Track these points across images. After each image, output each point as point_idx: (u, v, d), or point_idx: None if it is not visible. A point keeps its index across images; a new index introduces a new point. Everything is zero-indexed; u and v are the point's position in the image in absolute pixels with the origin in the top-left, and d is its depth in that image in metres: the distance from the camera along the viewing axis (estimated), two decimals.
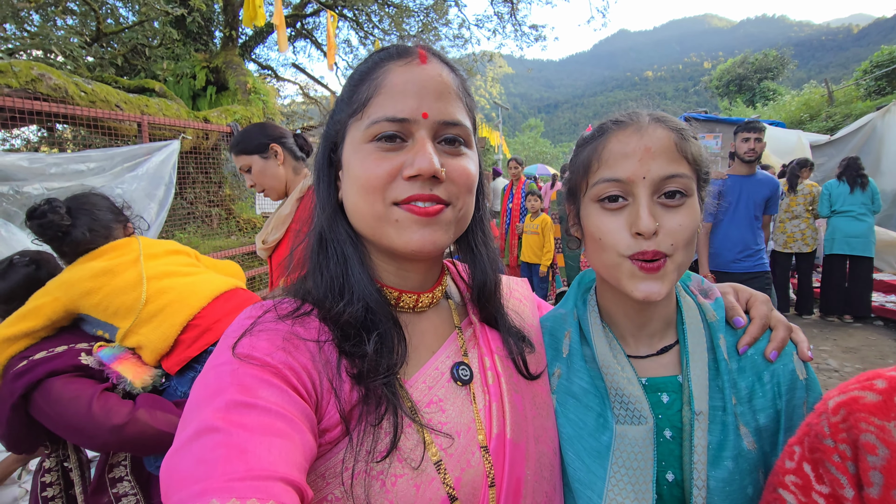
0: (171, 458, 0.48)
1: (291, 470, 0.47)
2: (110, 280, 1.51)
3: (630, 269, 0.74)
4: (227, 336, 0.61)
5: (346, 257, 0.69)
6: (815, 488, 0.62)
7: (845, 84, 17.94)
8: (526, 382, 0.77)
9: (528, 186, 6.35)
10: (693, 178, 0.75)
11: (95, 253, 1.58)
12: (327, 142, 0.72)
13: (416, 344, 0.71)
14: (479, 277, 0.77)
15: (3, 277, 1.61)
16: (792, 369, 0.80)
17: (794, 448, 0.67)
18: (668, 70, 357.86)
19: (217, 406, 0.50)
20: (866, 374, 0.63)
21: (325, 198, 0.72)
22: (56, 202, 1.54)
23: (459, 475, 0.61)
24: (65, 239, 1.54)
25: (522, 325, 0.83)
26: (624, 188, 0.75)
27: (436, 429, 0.63)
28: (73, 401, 1.33)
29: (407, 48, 0.68)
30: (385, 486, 0.57)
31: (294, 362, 0.58)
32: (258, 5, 5.34)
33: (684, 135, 0.76)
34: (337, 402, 0.59)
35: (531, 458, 0.69)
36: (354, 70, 0.72)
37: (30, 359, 1.38)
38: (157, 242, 1.73)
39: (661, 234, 0.72)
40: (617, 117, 0.81)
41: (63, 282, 1.51)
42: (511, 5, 13.03)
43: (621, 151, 0.76)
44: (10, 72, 3.40)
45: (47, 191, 2.89)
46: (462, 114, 0.68)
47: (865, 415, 0.57)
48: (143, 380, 1.47)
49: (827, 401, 0.64)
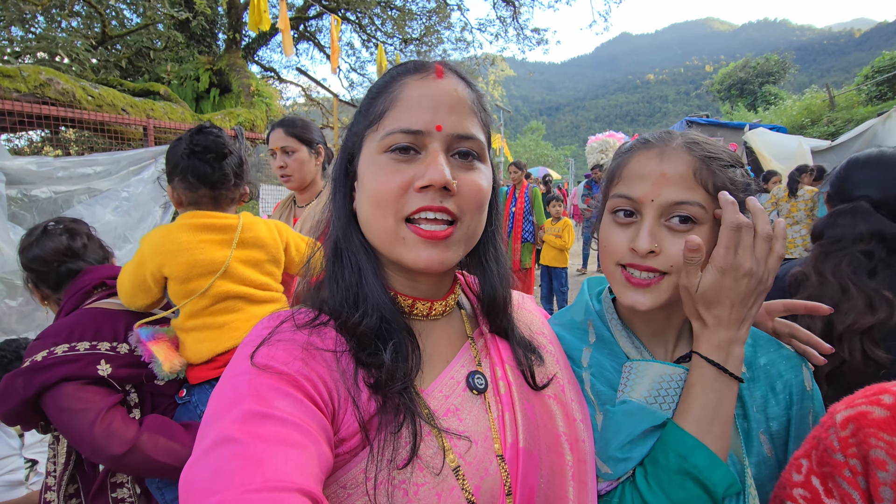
0: (189, 469, 0.48)
1: (308, 481, 0.47)
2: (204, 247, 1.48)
3: (621, 278, 0.81)
4: (245, 346, 0.61)
5: (360, 267, 0.69)
6: (824, 502, 0.63)
7: (847, 89, 17.95)
8: (535, 392, 0.77)
9: (531, 191, 6.34)
10: (708, 208, 0.76)
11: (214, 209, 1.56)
12: (345, 153, 0.74)
13: (430, 353, 0.71)
14: (488, 292, 0.78)
15: (37, 243, 1.59)
16: (801, 379, 0.84)
17: (801, 461, 0.68)
18: (670, 73, 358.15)
19: (234, 417, 0.50)
20: (871, 387, 0.64)
21: (340, 208, 0.73)
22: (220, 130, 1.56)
23: (479, 483, 0.62)
24: (215, 165, 1.53)
25: (532, 336, 0.84)
26: (635, 206, 0.79)
27: (454, 434, 0.63)
28: (80, 414, 1.32)
29: (424, 63, 0.69)
30: (408, 495, 0.57)
31: (311, 372, 0.58)
32: (263, 9, 5.37)
33: (711, 164, 0.77)
34: (356, 412, 0.59)
35: (544, 467, 0.69)
36: (373, 84, 0.73)
37: (51, 350, 1.36)
38: (255, 223, 1.64)
39: (662, 255, 0.77)
40: (648, 136, 0.85)
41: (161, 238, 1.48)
42: (513, 9, 13.07)
43: (639, 172, 0.80)
44: (19, 76, 3.42)
45: (55, 194, 2.92)
46: (476, 128, 0.68)
47: (875, 430, 0.58)
48: (173, 364, 1.47)
49: (834, 414, 0.64)
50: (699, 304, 0.74)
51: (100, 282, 1.60)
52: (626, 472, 0.74)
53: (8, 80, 3.34)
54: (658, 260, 0.77)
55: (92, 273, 1.60)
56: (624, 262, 0.80)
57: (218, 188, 1.57)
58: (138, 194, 3.52)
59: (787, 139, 9.54)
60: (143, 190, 3.56)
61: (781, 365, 0.85)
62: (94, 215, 3.11)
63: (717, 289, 0.72)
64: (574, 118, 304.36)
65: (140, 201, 3.53)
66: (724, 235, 0.71)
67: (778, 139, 8.97)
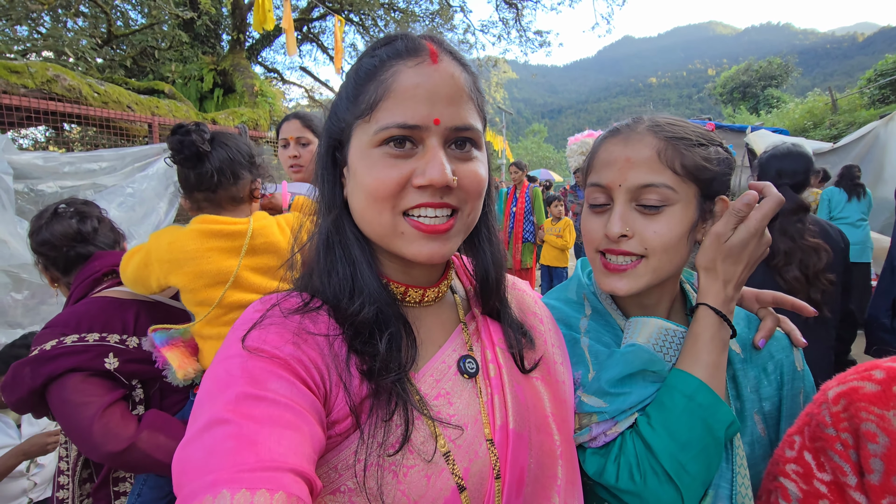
0: (182, 449, 0.48)
1: (301, 461, 0.48)
2: (212, 256, 1.41)
3: (599, 265, 0.85)
4: (236, 329, 0.60)
5: (354, 259, 0.68)
6: (816, 476, 0.64)
7: (849, 92, 17.92)
8: (524, 374, 0.78)
9: (532, 191, 6.37)
10: (677, 188, 0.78)
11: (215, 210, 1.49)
12: (330, 139, 0.70)
13: (422, 338, 0.71)
14: (481, 273, 0.77)
15: (47, 227, 1.56)
16: (792, 360, 0.87)
17: (793, 438, 0.70)
18: (673, 77, 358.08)
19: (227, 398, 0.50)
20: (864, 364, 0.66)
21: (329, 199, 0.70)
22: (204, 126, 1.45)
23: (468, 466, 0.63)
24: (196, 167, 1.45)
25: (524, 316, 0.84)
26: (606, 193, 0.83)
27: (445, 421, 0.64)
28: (80, 408, 1.29)
29: (416, 43, 0.64)
30: (397, 477, 0.58)
31: (303, 356, 0.58)
32: (268, 10, 5.40)
33: (677, 145, 0.78)
34: (346, 396, 0.60)
35: (534, 448, 0.70)
36: (359, 64, 0.68)
37: (60, 340, 1.35)
38: (268, 227, 1.54)
39: (635, 239, 0.79)
40: (615, 125, 0.87)
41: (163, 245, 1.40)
42: (516, 11, 13.11)
43: (607, 160, 0.83)
44: (27, 72, 3.46)
45: (61, 189, 2.94)
46: (474, 116, 0.66)
47: (866, 404, 0.60)
48: (186, 372, 1.43)
49: (826, 391, 0.66)
50: (720, 256, 0.77)
51: (110, 269, 1.58)
52: (622, 410, 0.76)
53: (16, 76, 3.38)
54: (632, 243, 0.79)
55: (102, 259, 1.58)
56: (601, 248, 0.84)
57: (207, 189, 1.48)
58: (143, 190, 3.54)
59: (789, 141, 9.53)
60: (147, 186, 3.59)
61: (773, 346, 0.87)
62: None
63: (743, 246, 0.76)
64: (576, 121, 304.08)
65: (144, 197, 3.56)
66: (766, 205, 0.76)
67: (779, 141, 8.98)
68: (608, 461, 0.76)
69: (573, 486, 0.74)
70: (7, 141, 2.63)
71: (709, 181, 0.80)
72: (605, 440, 0.77)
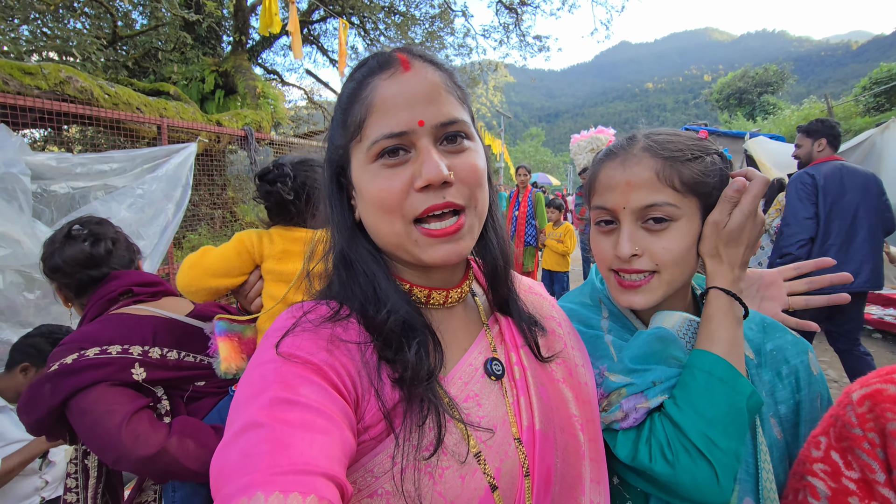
0: (219, 453, 0.50)
1: (332, 465, 0.48)
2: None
3: (614, 282, 0.88)
4: (270, 335, 0.62)
5: (372, 274, 0.70)
6: (844, 474, 0.68)
7: (845, 100, 18.11)
8: (550, 376, 0.79)
9: (534, 195, 6.42)
10: (679, 204, 0.81)
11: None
12: (332, 167, 0.73)
13: (448, 340, 0.73)
14: (489, 262, 0.79)
15: (59, 252, 1.52)
16: (807, 364, 0.89)
17: (819, 439, 0.74)
18: (669, 82, 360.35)
19: (262, 403, 0.52)
20: (884, 368, 0.70)
21: (340, 221, 0.73)
22: (287, 170, 1.55)
23: (499, 466, 0.65)
24: (282, 213, 1.59)
25: (541, 319, 0.85)
26: (611, 214, 0.86)
27: (475, 424, 0.66)
28: (106, 415, 1.26)
29: (387, 58, 0.67)
30: (434, 479, 0.60)
31: (335, 362, 0.60)
32: (274, 12, 5.43)
33: (674, 164, 0.82)
34: (379, 402, 0.61)
35: (559, 447, 0.72)
36: (342, 92, 0.71)
37: (81, 353, 1.31)
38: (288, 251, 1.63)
39: (646, 256, 0.83)
40: (611, 147, 0.91)
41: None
42: (516, 16, 13.19)
43: (607, 183, 0.87)
44: (40, 74, 3.47)
45: (73, 189, 2.96)
46: (457, 109, 0.67)
47: (891, 405, 0.64)
48: (229, 366, 1.45)
49: (850, 394, 0.70)
50: (721, 241, 0.81)
51: (126, 289, 1.55)
52: (649, 382, 0.80)
53: (29, 77, 3.39)
54: (643, 261, 0.83)
55: (118, 279, 1.56)
56: (614, 266, 0.87)
57: (288, 221, 1.62)
58: (152, 192, 3.56)
59: (786, 147, 9.60)
60: (156, 188, 3.61)
61: (787, 350, 0.90)
62: (109, 211, 3.15)
63: (740, 229, 0.81)
64: (573, 125, 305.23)
65: (153, 199, 3.58)
66: (754, 187, 0.81)
67: (777, 147, 9.05)
68: (640, 443, 0.78)
69: (599, 486, 0.76)
70: (22, 142, 2.65)
71: (708, 193, 0.83)
72: (636, 418, 0.79)
